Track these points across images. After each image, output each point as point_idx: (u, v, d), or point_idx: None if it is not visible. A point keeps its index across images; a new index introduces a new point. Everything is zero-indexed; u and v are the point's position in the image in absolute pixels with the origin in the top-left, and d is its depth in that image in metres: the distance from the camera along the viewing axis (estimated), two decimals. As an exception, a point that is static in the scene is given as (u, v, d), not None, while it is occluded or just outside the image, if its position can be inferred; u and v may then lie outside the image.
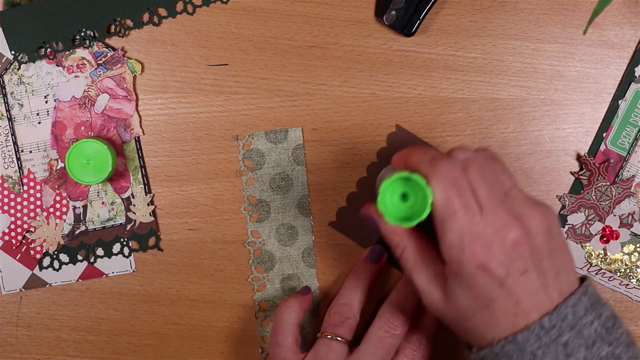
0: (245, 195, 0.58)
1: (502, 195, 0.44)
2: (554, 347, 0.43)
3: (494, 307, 0.44)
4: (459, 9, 0.57)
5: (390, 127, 0.57)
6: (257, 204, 0.58)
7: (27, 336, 0.59)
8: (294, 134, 0.58)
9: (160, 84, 0.58)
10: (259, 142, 0.58)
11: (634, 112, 0.56)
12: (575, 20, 0.57)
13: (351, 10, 0.57)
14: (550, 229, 0.45)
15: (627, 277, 0.57)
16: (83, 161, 0.56)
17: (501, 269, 0.43)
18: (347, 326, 0.54)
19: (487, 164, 0.45)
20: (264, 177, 0.58)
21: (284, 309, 0.54)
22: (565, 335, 0.43)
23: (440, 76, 0.57)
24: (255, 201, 0.58)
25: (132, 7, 0.57)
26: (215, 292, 0.59)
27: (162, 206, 0.59)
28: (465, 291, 0.44)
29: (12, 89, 0.58)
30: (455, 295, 0.44)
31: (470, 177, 0.44)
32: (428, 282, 0.46)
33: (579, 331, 0.43)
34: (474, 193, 0.44)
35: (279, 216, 0.59)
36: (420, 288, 0.46)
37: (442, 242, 0.44)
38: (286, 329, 0.54)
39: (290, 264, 0.58)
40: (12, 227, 0.58)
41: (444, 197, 0.44)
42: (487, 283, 0.43)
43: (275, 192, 0.58)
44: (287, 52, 0.58)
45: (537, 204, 0.45)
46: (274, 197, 0.58)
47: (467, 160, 0.45)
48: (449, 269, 0.44)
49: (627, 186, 0.57)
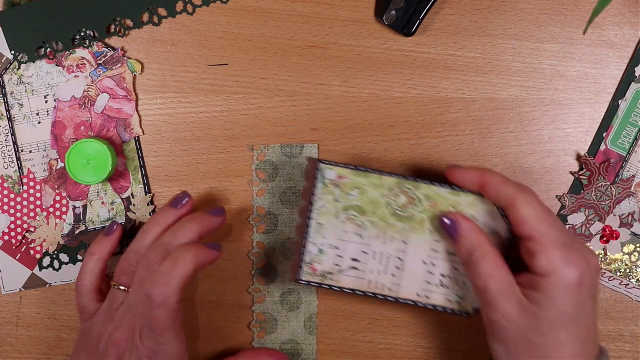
0: (255, 205, 0.58)
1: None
2: None
3: (572, 330, 0.46)
4: (459, 9, 0.57)
5: (390, 127, 0.57)
6: (266, 215, 0.58)
7: (27, 336, 0.59)
8: (309, 150, 0.58)
9: (160, 84, 0.58)
10: (274, 155, 0.58)
11: (634, 112, 0.56)
12: (575, 20, 0.57)
13: (351, 10, 0.57)
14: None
15: (627, 277, 0.57)
16: (83, 161, 0.56)
17: (588, 290, 0.46)
18: (132, 275, 0.53)
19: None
20: (275, 190, 0.58)
21: (88, 256, 0.55)
22: None
23: (440, 76, 0.57)
24: (264, 213, 0.58)
25: (132, 7, 0.57)
26: (215, 292, 0.59)
27: (162, 206, 0.58)
28: (554, 303, 0.46)
29: (12, 89, 0.58)
30: (540, 305, 0.46)
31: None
32: (504, 291, 0.47)
33: None
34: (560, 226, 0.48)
35: (286, 230, 0.58)
36: (495, 295, 0.47)
37: (544, 255, 0.46)
38: (87, 276, 0.55)
39: None
40: (12, 227, 0.58)
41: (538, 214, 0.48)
42: (577, 298, 0.46)
43: (285, 205, 0.58)
44: (287, 52, 0.58)
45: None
46: (283, 211, 0.58)
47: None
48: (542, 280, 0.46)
49: (627, 186, 0.57)
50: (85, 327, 0.54)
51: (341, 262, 0.53)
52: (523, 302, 0.47)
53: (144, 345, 0.49)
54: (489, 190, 0.50)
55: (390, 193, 0.53)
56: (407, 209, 0.53)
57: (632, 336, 0.58)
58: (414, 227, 0.53)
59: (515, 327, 0.47)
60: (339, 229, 0.53)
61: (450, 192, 0.52)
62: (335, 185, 0.52)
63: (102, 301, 0.55)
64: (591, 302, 0.47)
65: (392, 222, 0.53)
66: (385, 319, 0.59)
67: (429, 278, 0.53)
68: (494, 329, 0.48)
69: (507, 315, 0.47)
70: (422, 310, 0.58)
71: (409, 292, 0.53)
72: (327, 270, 0.53)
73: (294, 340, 0.59)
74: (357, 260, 0.53)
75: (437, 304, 0.53)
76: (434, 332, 0.58)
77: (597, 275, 0.48)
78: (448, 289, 0.53)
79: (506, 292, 0.47)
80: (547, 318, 0.46)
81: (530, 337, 0.46)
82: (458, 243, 0.50)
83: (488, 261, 0.48)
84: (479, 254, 0.49)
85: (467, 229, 0.50)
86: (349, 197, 0.53)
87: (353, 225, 0.53)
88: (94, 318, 0.54)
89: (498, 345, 0.48)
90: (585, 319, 0.47)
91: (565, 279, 0.46)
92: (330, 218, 0.53)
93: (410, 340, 0.59)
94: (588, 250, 0.48)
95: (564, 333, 0.46)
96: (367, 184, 0.53)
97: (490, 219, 0.52)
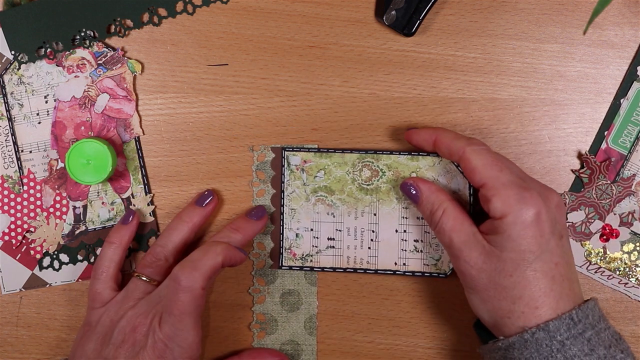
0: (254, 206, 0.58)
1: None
2: (580, 339, 0.45)
3: (537, 266, 0.47)
4: (459, 9, 0.57)
5: (390, 126, 0.57)
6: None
7: (27, 336, 0.59)
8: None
9: (160, 84, 0.58)
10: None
11: (636, 111, 0.56)
12: (575, 20, 0.57)
13: (351, 10, 0.57)
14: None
15: (626, 275, 0.57)
16: (83, 161, 0.56)
17: (549, 224, 0.47)
18: (157, 268, 0.55)
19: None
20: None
21: (106, 244, 0.56)
22: (588, 332, 0.46)
23: (440, 76, 0.57)
24: None
25: (132, 7, 0.57)
26: (214, 292, 0.59)
27: (162, 206, 0.59)
28: (514, 243, 0.46)
29: (12, 89, 0.58)
30: (502, 247, 0.47)
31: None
32: (467, 241, 0.49)
33: (597, 332, 0.46)
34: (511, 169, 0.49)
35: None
36: (460, 246, 0.49)
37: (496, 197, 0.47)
38: (106, 262, 0.55)
39: (292, 279, 0.58)
40: (12, 227, 0.58)
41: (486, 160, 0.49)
42: (537, 234, 0.46)
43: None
44: (287, 52, 0.58)
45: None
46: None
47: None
48: (500, 223, 0.47)
49: (628, 185, 0.57)
50: (93, 316, 0.54)
51: (318, 242, 0.56)
52: (486, 248, 0.48)
53: (162, 330, 0.49)
54: (441, 147, 0.52)
55: (354, 169, 0.56)
56: (372, 181, 0.56)
57: (632, 336, 0.58)
58: (381, 198, 0.56)
59: (483, 273, 0.48)
60: (311, 211, 0.56)
61: (409, 158, 0.55)
62: (301, 170, 0.56)
63: (117, 290, 0.55)
64: (554, 238, 0.47)
65: (360, 197, 0.56)
66: (385, 319, 0.59)
67: (404, 245, 0.56)
68: (466, 280, 0.49)
69: (473, 264, 0.48)
70: (422, 309, 0.58)
71: (387, 262, 0.57)
72: (306, 253, 0.57)
73: (294, 340, 0.58)
74: (333, 239, 0.56)
75: (415, 270, 0.56)
76: (434, 332, 0.58)
77: (558, 210, 0.48)
78: (423, 252, 0.56)
79: (469, 242, 0.49)
80: (510, 259, 0.47)
81: (499, 281, 0.47)
82: (420, 205, 0.53)
83: (448, 216, 0.50)
84: (439, 211, 0.51)
85: (426, 190, 0.53)
86: (316, 179, 0.56)
87: (324, 205, 0.56)
88: (107, 306, 0.54)
89: (473, 295, 0.49)
90: (550, 255, 0.47)
91: (521, 217, 0.46)
92: (302, 202, 0.56)
93: (410, 340, 0.59)
94: (545, 188, 0.49)
95: (529, 271, 0.47)
96: (331, 163, 0.56)
97: (451, 178, 0.55)
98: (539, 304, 0.46)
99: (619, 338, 0.47)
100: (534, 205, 0.47)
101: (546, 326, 0.45)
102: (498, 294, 0.47)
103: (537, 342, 0.45)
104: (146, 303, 0.52)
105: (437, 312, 0.58)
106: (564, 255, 0.48)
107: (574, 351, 0.45)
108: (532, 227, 0.46)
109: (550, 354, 0.45)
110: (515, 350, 0.46)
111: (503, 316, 0.47)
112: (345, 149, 0.56)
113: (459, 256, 0.49)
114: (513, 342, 0.46)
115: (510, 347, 0.46)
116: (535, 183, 0.50)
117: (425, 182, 0.53)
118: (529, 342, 0.46)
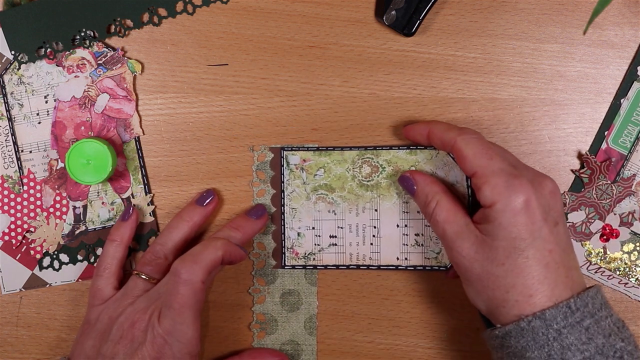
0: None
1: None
2: (577, 328, 0.45)
3: (529, 253, 0.46)
4: (459, 9, 0.57)
5: (390, 126, 0.57)
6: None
7: (27, 336, 0.59)
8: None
9: (160, 84, 0.58)
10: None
11: (636, 111, 0.56)
12: (575, 20, 0.57)
13: (351, 10, 0.57)
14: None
15: (626, 275, 0.57)
16: (83, 161, 0.56)
17: (540, 211, 0.47)
18: (156, 266, 0.55)
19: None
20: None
21: (108, 242, 0.56)
22: (587, 321, 0.45)
23: (440, 76, 0.57)
24: None
25: (132, 7, 0.57)
26: (215, 292, 0.59)
27: (162, 206, 0.59)
28: (505, 231, 0.46)
29: (12, 89, 0.58)
30: (494, 236, 0.47)
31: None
32: (459, 232, 0.49)
33: (597, 321, 0.46)
34: (502, 156, 0.49)
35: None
36: (452, 237, 0.49)
37: (486, 185, 0.47)
38: (108, 260, 0.56)
39: (293, 279, 0.58)
40: (12, 227, 0.58)
41: (477, 149, 0.49)
42: (527, 221, 0.46)
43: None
44: (287, 52, 0.58)
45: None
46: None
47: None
48: (490, 211, 0.47)
49: (628, 185, 0.57)
50: (93, 313, 0.54)
51: (320, 241, 0.57)
52: (479, 238, 0.48)
53: (161, 325, 0.49)
54: (434, 139, 0.52)
55: (353, 166, 0.56)
56: (372, 177, 0.56)
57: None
58: (381, 194, 0.56)
59: (476, 263, 0.48)
60: (312, 209, 0.57)
61: (408, 152, 0.56)
62: (300, 169, 0.56)
63: (118, 288, 0.55)
64: (548, 224, 0.47)
65: (361, 193, 0.56)
66: (385, 319, 0.59)
67: (405, 240, 0.56)
68: (460, 271, 0.49)
69: (465, 254, 0.48)
70: (422, 309, 0.58)
71: (389, 257, 0.57)
72: (309, 252, 0.57)
73: (294, 340, 0.58)
74: (335, 237, 0.56)
75: (417, 264, 0.57)
76: (434, 332, 0.58)
77: (552, 197, 0.48)
78: (423, 246, 0.56)
79: (462, 233, 0.49)
80: (502, 247, 0.47)
81: (491, 270, 0.47)
82: (416, 197, 0.53)
83: (441, 208, 0.51)
84: (432, 202, 0.51)
85: (422, 181, 0.53)
86: (316, 177, 0.56)
87: (325, 203, 0.56)
88: (107, 303, 0.54)
89: (469, 287, 0.49)
90: (543, 242, 0.47)
91: (510, 204, 0.46)
92: (302, 201, 0.56)
93: (410, 340, 0.59)
94: (538, 174, 0.49)
95: (521, 259, 0.46)
96: (331, 161, 0.56)
97: (448, 170, 0.55)
98: (533, 291, 0.46)
99: (622, 326, 0.47)
100: (523, 192, 0.46)
101: (542, 314, 0.45)
102: (491, 283, 0.47)
103: (534, 331, 0.45)
104: (145, 299, 0.52)
105: (437, 312, 0.58)
106: (559, 242, 0.47)
107: (571, 340, 0.45)
108: (522, 214, 0.46)
109: (546, 342, 0.45)
110: (512, 338, 0.46)
111: (498, 305, 0.47)
112: (345, 147, 0.56)
113: (452, 247, 0.49)
114: (509, 330, 0.46)
115: (507, 335, 0.46)
116: (528, 170, 0.50)
117: (421, 174, 0.54)
118: (525, 331, 0.45)
